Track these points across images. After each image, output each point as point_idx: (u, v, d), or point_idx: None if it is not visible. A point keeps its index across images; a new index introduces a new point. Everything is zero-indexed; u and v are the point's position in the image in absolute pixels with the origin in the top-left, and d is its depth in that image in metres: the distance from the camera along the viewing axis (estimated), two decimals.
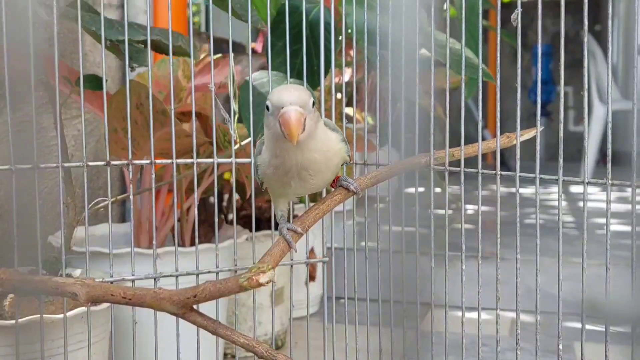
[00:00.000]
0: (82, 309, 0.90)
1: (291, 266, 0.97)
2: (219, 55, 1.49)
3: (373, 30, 0.89)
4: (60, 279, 0.76)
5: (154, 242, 0.89)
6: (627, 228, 0.70)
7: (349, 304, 0.94)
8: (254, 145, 0.92)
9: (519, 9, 0.77)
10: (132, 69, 1.04)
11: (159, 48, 1.07)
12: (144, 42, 0.97)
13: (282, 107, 0.68)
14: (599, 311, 0.74)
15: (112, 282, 0.85)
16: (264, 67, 1.36)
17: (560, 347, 0.77)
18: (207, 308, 0.76)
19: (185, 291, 0.72)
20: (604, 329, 0.74)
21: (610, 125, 0.73)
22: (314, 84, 1.01)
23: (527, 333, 1.34)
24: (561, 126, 0.75)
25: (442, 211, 0.84)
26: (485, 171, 0.83)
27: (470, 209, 2.54)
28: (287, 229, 0.77)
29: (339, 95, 1.78)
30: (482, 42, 0.85)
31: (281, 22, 0.98)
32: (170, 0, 0.87)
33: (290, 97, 0.68)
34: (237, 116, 1.06)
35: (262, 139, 0.76)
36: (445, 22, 0.85)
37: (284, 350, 1.51)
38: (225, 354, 1.42)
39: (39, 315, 0.82)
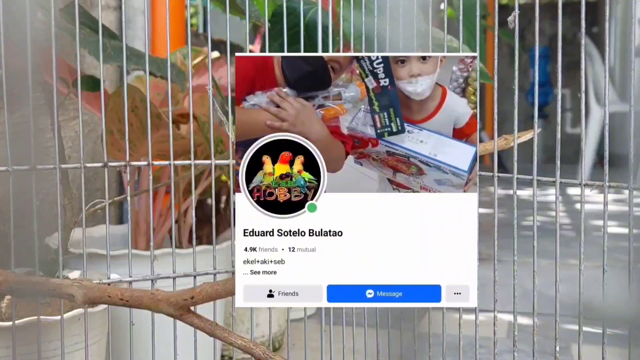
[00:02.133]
0: (79, 310, 0.90)
1: None
2: (216, 53, 1.49)
3: (371, 33, 0.89)
4: (57, 280, 0.76)
5: (152, 243, 0.88)
6: (624, 230, 0.70)
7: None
8: None
9: (516, 11, 0.77)
10: (128, 72, 1.03)
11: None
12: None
13: None
14: (596, 313, 0.74)
15: (109, 284, 0.85)
16: None
17: (558, 349, 0.77)
18: (204, 310, 0.76)
19: (182, 293, 0.72)
20: (601, 331, 0.74)
21: (607, 127, 0.73)
22: None
23: (524, 335, 1.33)
24: (558, 128, 0.76)
25: None
26: (482, 173, 0.83)
27: None
28: None
29: None
30: (479, 43, 0.85)
31: (278, 23, 0.98)
32: (168, 1, 0.87)
33: None
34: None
35: None
36: (443, 22, 0.85)
37: (281, 352, 1.51)
38: (222, 356, 1.42)
39: (36, 317, 0.82)
